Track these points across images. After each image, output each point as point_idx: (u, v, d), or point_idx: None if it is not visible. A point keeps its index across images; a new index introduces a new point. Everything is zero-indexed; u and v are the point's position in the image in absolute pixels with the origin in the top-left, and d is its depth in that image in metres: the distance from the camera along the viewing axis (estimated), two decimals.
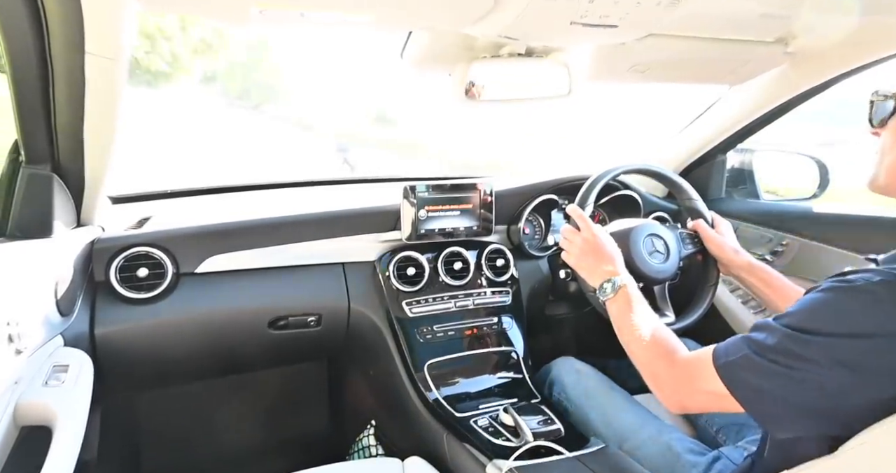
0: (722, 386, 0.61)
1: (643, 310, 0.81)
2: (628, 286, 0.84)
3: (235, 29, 10.84)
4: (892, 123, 0.65)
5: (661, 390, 0.71)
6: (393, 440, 1.28)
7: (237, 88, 10.17)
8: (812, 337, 0.56)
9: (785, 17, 0.90)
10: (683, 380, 0.68)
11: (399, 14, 0.75)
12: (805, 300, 0.60)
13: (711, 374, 0.62)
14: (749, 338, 0.62)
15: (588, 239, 0.92)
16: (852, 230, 1.16)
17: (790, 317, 0.59)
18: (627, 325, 0.80)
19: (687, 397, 0.68)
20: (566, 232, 0.96)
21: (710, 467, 0.85)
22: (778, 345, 0.58)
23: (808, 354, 0.56)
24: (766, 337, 0.60)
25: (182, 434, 1.41)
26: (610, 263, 0.88)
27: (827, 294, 0.58)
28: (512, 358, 1.21)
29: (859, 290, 0.55)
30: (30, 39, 0.72)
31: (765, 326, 0.61)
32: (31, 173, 0.85)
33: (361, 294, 1.16)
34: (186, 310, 1.04)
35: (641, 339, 0.76)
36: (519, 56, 0.98)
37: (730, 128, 1.37)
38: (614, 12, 0.73)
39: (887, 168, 0.66)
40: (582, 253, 0.92)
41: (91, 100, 0.79)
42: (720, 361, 0.62)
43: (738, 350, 0.62)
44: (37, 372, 0.73)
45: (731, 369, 0.61)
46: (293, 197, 1.48)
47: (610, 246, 0.91)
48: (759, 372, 0.59)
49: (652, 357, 0.73)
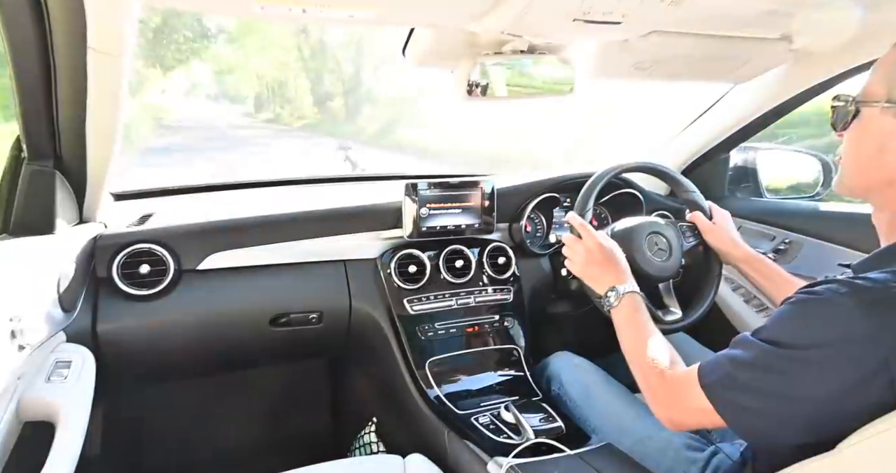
0: (709, 404, 0.62)
1: (646, 322, 0.82)
2: (634, 294, 0.85)
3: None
4: (853, 127, 0.66)
5: (654, 406, 0.73)
6: (394, 437, 1.28)
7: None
8: (785, 351, 0.57)
9: (789, 15, 0.89)
10: (673, 398, 0.69)
11: (401, 10, 0.75)
12: (777, 313, 0.62)
13: (698, 393, 0.63)
14: (729, 355, 0.63)
15: (591, 249, 0.92)
16: (855, 228, 1.15)
17: (765, 331, 0.61)
18: (629, 337, 0.81)
19: (677, 414, 0.69)
20: (568, 240, 0.96)
21: (708, 462, 0.85)
22: (756, 361, 0.59)
23: (783, 367, 0.57)
24: (744, 352, 0.61)
25: (183, 430, 1.41)
26: (613, 271, 0.89)
27: (796, 306, 0.59)
28: (513, 356, 1.21)
29: (825, 301, 0.56)
30: (32, 36, 0.72)
31: (743, 341, 0.63)
32: (33, 170, 0.86)
33: (363, 291, 1.17)
34: (188, 307, 1.04)
35: (640, 353, 0.77)
36: (521, 53, 0.98)
37: (733, 126, 1.36)
38: (617, 9, 0.73)
39: (850, 170, 0.68)
40: (586, 263, 0.92)
41: (93, 96, 0.79)
42: (705, 380, 0.63)
43: (720, 368, 0.63)
44: (39, 367, 0.74)
45: (715, 388, 0.62)
46: (295, 194, 1.48)
47: (613, 253, 0.91)
48: (741, 389, 0.60)
49: (646, 373, 0.75)
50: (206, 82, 11.63)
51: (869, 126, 0.64)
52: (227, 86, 11.78)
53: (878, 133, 0.63)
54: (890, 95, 0.61)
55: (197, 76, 11.03)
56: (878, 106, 0.62)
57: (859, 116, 0.65)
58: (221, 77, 11.55)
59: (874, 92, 0.63)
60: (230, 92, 11.86)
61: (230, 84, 11.73)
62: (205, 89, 11.75)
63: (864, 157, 0.65)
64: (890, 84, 0.62)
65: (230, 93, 11.90)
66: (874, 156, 0.63)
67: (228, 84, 11.74)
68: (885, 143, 0.62)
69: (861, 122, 0.65)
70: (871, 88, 0.64)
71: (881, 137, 0.62)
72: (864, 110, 0.64)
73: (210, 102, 11.77)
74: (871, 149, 0.64)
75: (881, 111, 0.62)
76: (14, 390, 0.66)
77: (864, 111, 0.65)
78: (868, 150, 0.64)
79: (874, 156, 0.63)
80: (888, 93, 0.62)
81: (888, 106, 0.61)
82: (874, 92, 0.63)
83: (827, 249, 1.22)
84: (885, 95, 0.62)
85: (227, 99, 11.95)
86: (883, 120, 0.62)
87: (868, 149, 0.64)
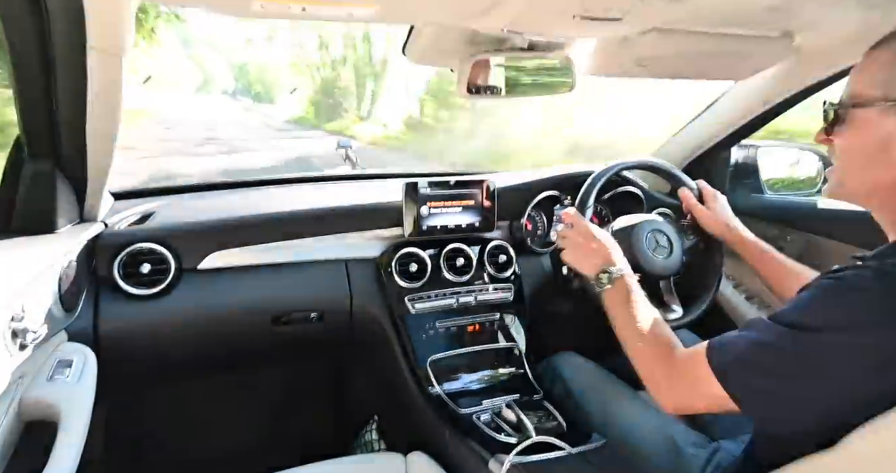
0: (719, 388, 0.61)
1: (641, 303, 0.80)
2: (626, 276, 0.83)
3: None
4: (846, 131, 0.66)
5: (657, 390, 0.70)
6: (395, 435, 1.28)
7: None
8: (807, 334, 0.56)
9: (790, 11, 0.89)
10: (678, 381, 0.67)
11: (401, 8, 0.74)
12: (799, 297, 0.61)
13: (707, 374, 0.62)
14: (743, 336, 0.62)
15: (581, 233, 0.92)
16: (857, 225, 1.15)
17: (784, 315, 0.60)
18: (623, 318, 0.79)
19: (683, 398, 0.67)
20: (561, 231, 0.96)
21: (710, 459, 0.85)
22: (774, 342, 0.58)
23: (804, 350, 0.56)
24: (760, 334, 0.60)
25: (185, 429, 1.41)
26: (605, 253, 0.88)
27: (819, 290, 0.58)
28: (514, 354, 1.21)
29: (851, 285, 0.56)
30: (31, 34, 0.71)
31: (759, 324, 0.61)
32: (33, 169, 0.86)
33: (364, 290, 1.16)
34: (189, 306, 1.04)
35: (637, 334, 0.75)
36: (522, 51, 0.97)
37: (734, 123, 1.36)
38: (618, 6, 0.72)
39: (840, 174, 0.68)
40: (576, 247, 0.91)
41: (93, 95, 0.79)
42: (715, 361, 0.62)
43: (733, 349, 0.61)
44: (41, 367, 0.74)
45: (727, 369, 0.61)
46: (295, 193, 1.48)
47: (604, 237, 0.90)
48: (755, 371, 0.59)
49: (648, 354, 0.73)
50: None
51: (866, 128, 0.63)
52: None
53: (880, 133, 0.62)
54: (887, 94, 0.61)
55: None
56: (875, 107, 0.61)
57: (851, 119, 0.64)
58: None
59: (866, 93, 0.62)
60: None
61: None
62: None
63: (865, 159, 0.64)
64: (886, 83, 0.61)
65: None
66: (877, 157, 0.62)
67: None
68: (889, 143, 0.61)
69: (855, 125, 0.64)
70: (863, 90, 0.63)
71: (884, 137, 0.61)
72: (858, 112, 0.64)
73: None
74: (872, 151, 0.63)
75: (879, 112, 0.61)
76: (15, 390, 0.66)
77: (856, 114, 0.64)
78: (869, 152, 0.63)
79: (877, 157, 0.62)
80: (885, 92, 0.61)
81: (889, 105, 0.60)
82: (866, 93, 0.62)
83: (828, 246, 1.21)
84: (881, 95, 0.61)
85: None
86: (883, 120, 0.61)
87: (869, 151, 0.63)
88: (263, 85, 12.29)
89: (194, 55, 10.25)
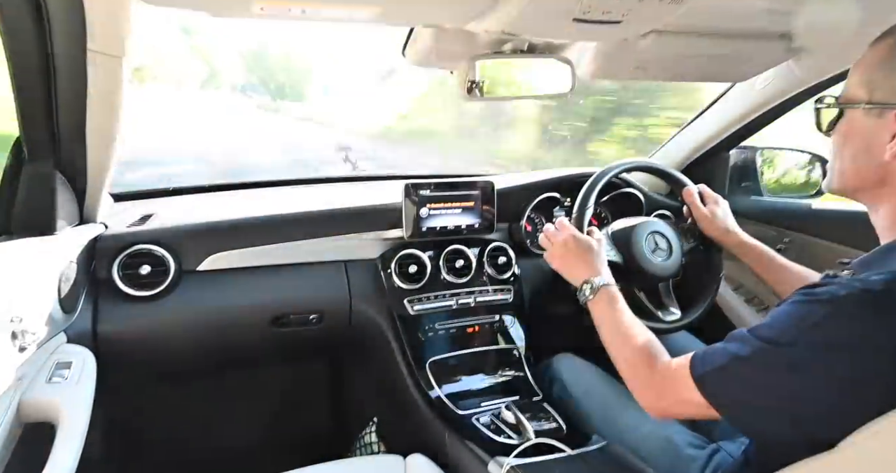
0: (700, 395, 0.62)
1: (624, 312, 0.82)
2: (609, 287, 0.85)
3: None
4: (838, 128, 0.67)
5: (642, 397, 0.73)
6: (395, 437, 1.28)
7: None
8: (782, 349, 0.57)
9: (790, 13, 0.89)
10: (663, 388, 0.69)
11: (400, 10, 0.74)
12: (775, 312, 0.62)
13: (690, 384, 0.63)
14: (725, 349, 0.63)
15: (566, 241, 0.93)
16: (855, 227, 1.15)
17: (763, 329, 0.61)
18: (608, 328, 0.81)
19: (668, 405, 0.69)
20: (546, 232, 0.97)
21: (709, 460, 0.85)
22: (752, 357, 0.59)
23: (780, 366, 0.57)
24: (741, 347, 0.61)
25: (184, 430, 1.41)
26: (587, 264, 0.89)
27: (795, 306, 0.59)
28: (513, 356, 1.21)
29: (825, 303, 0.56)
30: (32, 36, 0.72)
31: (740, 337, 0.63)
32: (33, 170, 0.86)
33: (363, 292, 1.16)
34: (189, 308, 1.04)
35: (622, 343, 0.77)
36: (521, 53, 0.97)
37: (733, 125, 1.36)
38: (617, 8, 0.73)
39: (838, 171, 0.69)
40: (560, 256, 0.93)
41: (93, 97, 0.79)
42: (698, 372, 0.63)
43: (716, 360, 0.63)
44: (40, 369, 0.74)
45: (710, 380, 0.62)
46: (295, 194, 1.48)
47: (589, 246, 0.92)
48: (735, 381, 0.61)
49: (632, 363, 0.75)
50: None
51: (854, 127, 0.65)
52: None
53: (863, 134, 0.64)
54: (871, 96, 0.62)
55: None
56: (860, 108, 0.63)
57: (844, 117, 0.66)
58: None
59: (855, 94, 0.64)
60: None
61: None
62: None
63: (853, 158, 0.66)
64: (870, 85, 0.62)
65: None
66: (862, 157, 0.64)
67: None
68: (870, 144, 0.63)
69: (846, 123, 0.66)
70: (852, 90, 0.65)
71: (867, 138, 0.63)
72: (847, 112, 0.65)
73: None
74: (858, 150, 0.65)
75: (864, 112, 0.63)
76: (15, 391, 0.66)
77: (847, 112, 0.66)
78: (856, 151, 0.65)
79: (862, 157, 0.64)
80: (869, 94, 0.62)
81: (869, 107, 0.62)
82: (855, 94, 0.64)
83: (826, 248, 1.22)
84: (865, 97, 0.63)
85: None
86: (865, 121, 0.63)
87: (856, 150, 0.65)
88: (289, 75, 10.92)
89: (196, 45, 9.87)
